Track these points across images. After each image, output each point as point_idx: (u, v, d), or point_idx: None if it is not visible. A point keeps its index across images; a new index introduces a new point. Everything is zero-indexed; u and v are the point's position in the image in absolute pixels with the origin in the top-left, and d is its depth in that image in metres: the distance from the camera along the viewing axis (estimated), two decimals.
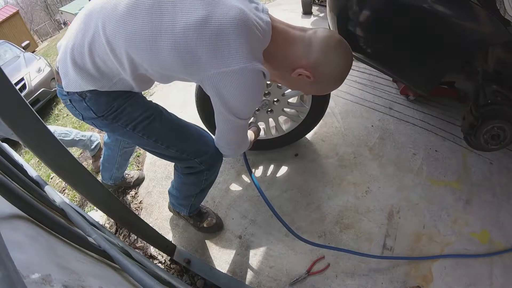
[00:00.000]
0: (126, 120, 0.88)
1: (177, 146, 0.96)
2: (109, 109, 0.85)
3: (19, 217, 0.48)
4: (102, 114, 0.85)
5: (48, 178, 2.07)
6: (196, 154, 0.99)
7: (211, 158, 1.01)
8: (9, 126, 0.56)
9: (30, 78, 3.86)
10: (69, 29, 0.79)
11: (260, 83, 0.77)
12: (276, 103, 1.44)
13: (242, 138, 0.96)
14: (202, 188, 1.15)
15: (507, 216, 1.31)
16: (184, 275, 1.27)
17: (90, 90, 0.80)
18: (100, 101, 0.83)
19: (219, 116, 0.83)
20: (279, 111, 1.48)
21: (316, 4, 3.84)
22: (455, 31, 1.08)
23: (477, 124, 1.20)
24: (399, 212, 1.36)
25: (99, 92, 0.81)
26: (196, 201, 1.25)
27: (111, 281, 0.56)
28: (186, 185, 1.14)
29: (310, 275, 1.19)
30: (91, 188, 0.79)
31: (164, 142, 0.94)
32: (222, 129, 0.88)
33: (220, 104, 0.78)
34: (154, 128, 0.92)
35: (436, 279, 1.14)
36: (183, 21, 0.68)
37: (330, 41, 0.82)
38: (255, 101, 0.82)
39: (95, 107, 0.83)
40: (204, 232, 1.36)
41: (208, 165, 1.03)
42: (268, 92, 1.38)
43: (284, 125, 1.59)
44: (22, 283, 0.25)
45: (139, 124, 0.89)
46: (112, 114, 0.86)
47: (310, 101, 1.45)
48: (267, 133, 1.58)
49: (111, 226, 1.51)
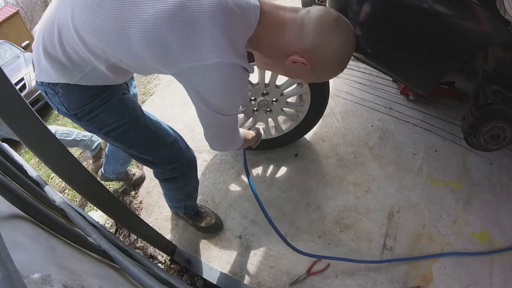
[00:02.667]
0: (99, 125, 0.85)
1: (149, 153, 0.96)
2: (83, 110, 0.80)
3: (19, 217, 0.48)
4: (74, 113, 0.81)
5: (48, 178, 2.07)
6: (167, 161, 0.99)
7: (182, 166, 1.02)
8: (9, 126, 0.56)
9: (30, 78, 3.86)
10: (44, 13, 0.75)
11: (240, 79, 0.69)
12: (275, 103, 1.44)
13: (230, 134, 0.88)
14: (187, 193, 1.16)
15: (507, 216, 1.31)
16: (184, 275, 1.27)
17: (62, 84, 0.75)
18: (73, 98, 0.78)
19: (198, 111, 0.76)
20: (278, 111, 1.48)
21: (316, 4, 3.84)
22: (455, 31, 1.08)
23: (477, 124, 1.20)
24: (399, 212, 1.36)
25: (72, 89, 0.76)
26: (188, 204, 1.26)
27: (111, 281, 0.56)
28: (169, 191, 1.16)
29: (310, 275, 1.19)
30: (91, 188, 0.79)
31: (137, 149, 0.94)
32: (204, 124, 0.81)
33: (198, 100, 0.71)
34: (127, 136, 0.90)
35: (436, 279, 1.14)
36: (153, 7, 0.60)
37: (325, 19, 0.69)
38: (237, 98, 0.75)
39: (67, 104, 0.79)
40: (204, 232, 1.36)
41: (179, 173, 1.04)
42: (266, 92, 1.38)
43: (284, 125, 1.59)
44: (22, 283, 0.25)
45: (112, 132, 0.87)
46: (86, 116, 0.82)
47: (309, 101, 1.44)
48: (267, 133, 1.58)
49: (111, 226, 1.52)
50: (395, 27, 1.20)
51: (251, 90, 1.36)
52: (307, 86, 1.38)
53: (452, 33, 1.09)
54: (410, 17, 1.14)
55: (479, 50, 1.13)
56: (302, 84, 1.38)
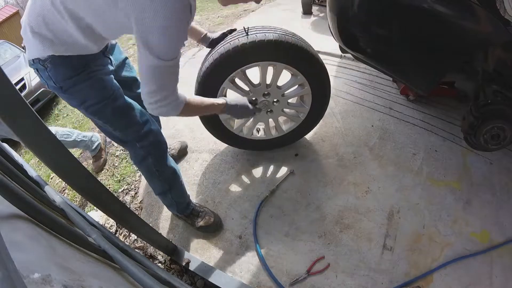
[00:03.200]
0: (81, 99, 0.94)
1: (122, 130, 1.05)
2: (68, 82, 0.89)
3: (19, 217, 0.48)
4: (60, 85, 0.89)
5: (48, 178, 2.07)
6: (137, 139, 1.08)
7: (150, 145, 1.10)
8: (9, 126, 0.56)
9: (30, 78, 3.86)
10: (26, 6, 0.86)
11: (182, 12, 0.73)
12: (275, 104, 1.44)
13: (167, 86, 0.87)
14: (168, 183, 1.21)
15: (507, 216, 1.31)
16: (184, 275, 1.27)
17: (51, 59, 0.84)
18: (59, 71, 0.87)
19: (138, 56, 0.80)
20: (279, 111, 1.48)
21: (316, 4, 3.84)
22: (455, 31, 1.08)
23: (477, 124, 1.20)
24: (399, 212, 1.36)
25: (59, 62, 0.85)
26: (178, 200, 1.29)
27: (111, 281, 0.56)
28: (147, 177, 1.22)
29: (310, 275, 1.19)
30: (91, 188, 0.79)
31: (112, 125, 1.03)
32: (144, 73, 0.83)
33: (140, 41, 0.76)
34: (105, 113, 0.99)
35: (436, 279, 1.14)
36: None
37: None
38: (177, 37, 0.78)
39: (55, 77, 0.88)
40: (203, 231, 1.36)
41: (147, 152, 1.11)
42: (267, 92, 1.39)
43: (284, 125, 1.59)
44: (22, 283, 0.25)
45: (91, 107, 0.96)
46: (70, 89, 0.90)
47: (310, 102, 1.45)
48: (267, 133, 1.58)
49: (111, 226, 1.51)
50: (395, 27, 1.20)
51: (252, 91, 1.36)
52: (309, 87, 1.39)
53: (452, 33, 1.09)
54: (410, 17, 1.14)
55: (479, 50, 1.13)
56: (303, 85, 1.39)
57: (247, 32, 1.24)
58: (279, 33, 1.24)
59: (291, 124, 1.57)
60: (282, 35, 1.24)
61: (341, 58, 2.48)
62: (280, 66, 1.30)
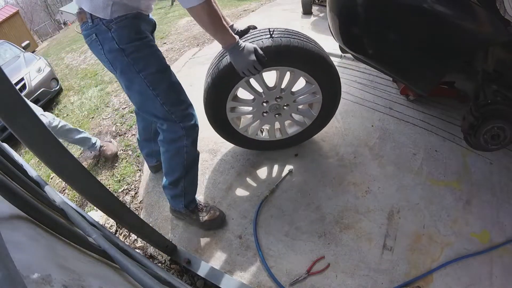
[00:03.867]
0: (143, 66, 0.98)
1: (170, 106, 1.07)
2: (132, 46, 0.94)
3: (19, 217, 0.48)
4: (123, 47, 0.93)
5: (48, 178, 2.07)
6: (181, 119, 1.11)
7: (191, 128, 1.14)
8: (9, 126, 0.56)
9: (30, 78, 3.86)
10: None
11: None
12: (285, 108, 1.46)
13: None
14: (187, 165, 1.22)
15: (507, 216, 1.31)
16: (184, 275, 1.27)
17: (116, 21, 0.90)
18: (124, 33, 0.92)
19: None
20: (287, 115, 1.50)
21: (316, 4, 3.84)
22: (455, 31, 1.08)
23: (477, 124, 1.20)
24: (399, 212, 1.36)
25: (123, 25, 0.91)
26: (188, 187, 1.29)
27: (111, 281, 0.56)
28: (171, 159, 1.22)
29: (310, 275, 1.19)
30: (91, 188, 0.79)
31: (162, 98, 1.05)
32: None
33: None
34: (162, 83, 1.03)
35: (436, 279, 1.14)
36: None
37: None
38: None
39: (119, 38, 0.92)
40: (208, 226, 1.36)
41: (187, 132, 1.14)
42: (280, 96, 1.39)
43: (289, 128, 1.61)
44: (22, 283, 0.25)
45: (152, 75, 0.99)
46: (133, 54, 0.95)
47: (319, 110, 1.47)
48: (271, 135, 1.59)
49: (111, 226, 1.51)
50: (395, 27, 1.20)
51: (266, 93, 1.37)
52: (321, 96, 1.41)
53: (452, 33, 1.09)
54: (410, 17, 1.14)
55: (479, 50, 1.13)
56: (316, 94, 1.41)
57: (272, 35, 1.21)
58: (303, 40, 1.23)
59: (295, 128, 1.60)
60: (306, 42, 1.23)
61: (341, 58, 2.48)
62: (298, 73, 1.30)
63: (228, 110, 1.39)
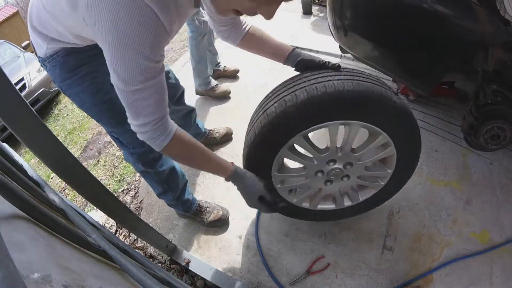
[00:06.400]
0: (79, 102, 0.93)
1: (118, 134, 1.01)
2: (64, 84, 0.87)
3: (19, 217, 0.48)
4: (59, 85, 0.88)
5: (48, 178, 2.07)
6: (131, 144, 1.03)
7: (142, 153, 1.05)
8: (9, 126, 0.56)
9: (30, 78, 3.87)
10: None
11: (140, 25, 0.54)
12: (348, 168, 1.06)
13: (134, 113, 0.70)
14: (163, 182, 1.18)
15: (507, 216, 1.31)
16: (184, 275, 1.27)
17: (49, 59, 0.83)
18: (55, 72, 0.85)
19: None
20: (355, 178, 1.11)
21: (316, 4, 3.83)
22: (455, 31, 1.08)
23: (477, 124, 1.20)
24: (399, 212, 1.36)
25: (54, 64, 0.83)
26: (180, 197, 1.27)
27: (111, 281, 0.56)
28: (144, 178, 1.19)
29: (310, 275, 1.18)
30: (91, 188, 0.79)
31: (109, 128, 1.00)
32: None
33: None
34: (102, 114, 0.96)
35: (436, 279, 1.14)
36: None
37: None
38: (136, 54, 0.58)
39: (53, 76, 0.87)
40: (213, 226, 1.37)
41: (137, 157, 1.06)
42: (334, 159, 1.03)
43: (359, 192, 1.22)
44: (22, 283, 0.25)
45: (89, 110, 0.95)
46: (68, 91, 0.90)
47: (394, 164, 1.06)
48: (339, 203, 1.21)
49: (111, 226, 1.52)
50: (395, 27, 1.20)
51: (317, 158, 1.01)
52: (393, 147, 1.00)
53: (452, 33, 1.09)
54: (410, 17, 1.14)
55: (479, 50, 1.13)
56: (385, 147, 1.01)
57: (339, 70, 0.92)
58: (371, 82, 0.88)
59: (368, 190, 1.21)
60: (374, 84, 0.88)
61: (341, 58, 2.48)
62: (356, 125, 0.92)
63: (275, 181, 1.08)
